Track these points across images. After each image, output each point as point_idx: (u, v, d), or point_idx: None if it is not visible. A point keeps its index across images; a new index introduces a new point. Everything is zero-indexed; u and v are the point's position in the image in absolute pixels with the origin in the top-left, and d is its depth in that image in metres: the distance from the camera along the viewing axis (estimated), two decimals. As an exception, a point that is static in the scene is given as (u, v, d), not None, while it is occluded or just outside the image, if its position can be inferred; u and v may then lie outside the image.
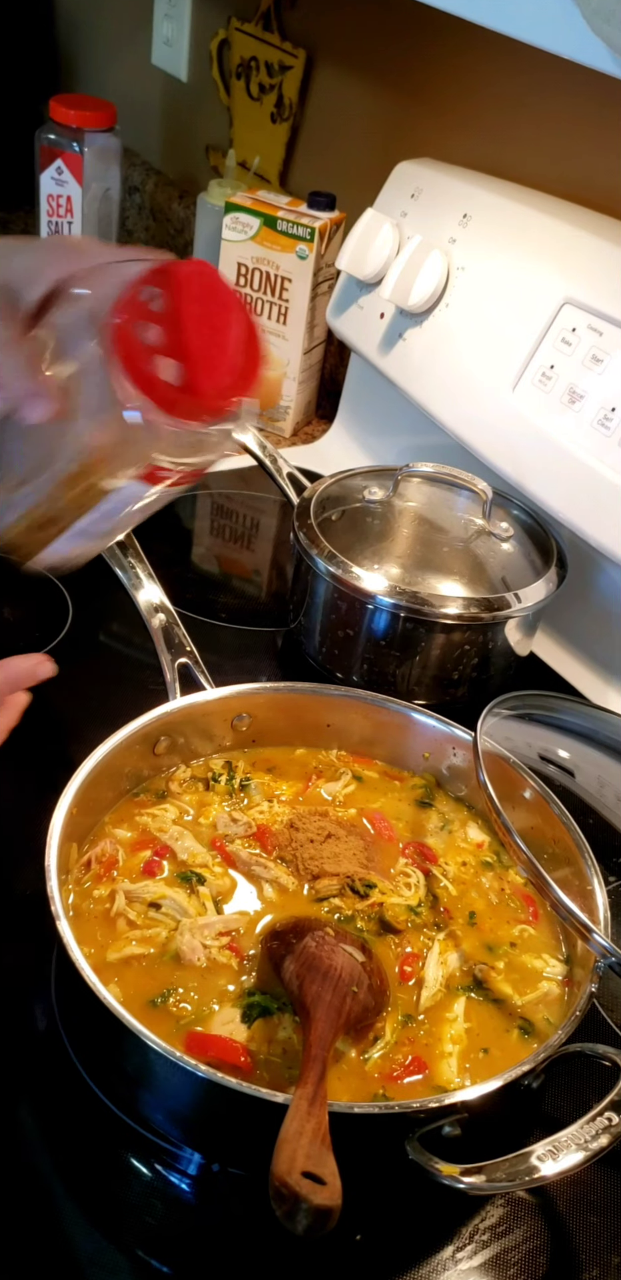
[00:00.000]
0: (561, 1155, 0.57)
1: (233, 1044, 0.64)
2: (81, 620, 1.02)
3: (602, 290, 1.01)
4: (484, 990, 0.70)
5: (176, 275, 0.55)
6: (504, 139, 1.21)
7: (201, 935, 0.69)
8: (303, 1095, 0.54)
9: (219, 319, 0.56)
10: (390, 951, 0.71)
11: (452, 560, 0.98)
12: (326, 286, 1.36)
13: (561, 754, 0.84)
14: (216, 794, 0.80)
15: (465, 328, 1.13)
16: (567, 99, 1.12)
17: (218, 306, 0.56)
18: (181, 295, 0.54)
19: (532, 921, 0.75)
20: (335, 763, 0.85)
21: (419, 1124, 0.58)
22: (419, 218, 1.19)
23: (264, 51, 1.54)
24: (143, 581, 0.90)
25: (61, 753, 0.80)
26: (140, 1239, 0.60)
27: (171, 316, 0.54)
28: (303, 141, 1.53)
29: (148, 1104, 0.63)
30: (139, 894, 0.71)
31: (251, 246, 1.33)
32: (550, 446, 1.02)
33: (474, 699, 0.83)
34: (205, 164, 1.75)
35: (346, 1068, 0.64)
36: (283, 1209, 0.48)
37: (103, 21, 1.95)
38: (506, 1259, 0.61)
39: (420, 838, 0.80)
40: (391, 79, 1.35)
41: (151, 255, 0.59)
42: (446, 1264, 0.61)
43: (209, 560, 1.22)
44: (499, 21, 0.87)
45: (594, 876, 0.72)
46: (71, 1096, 0.65)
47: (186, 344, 0.54)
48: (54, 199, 1.56)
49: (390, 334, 1.21)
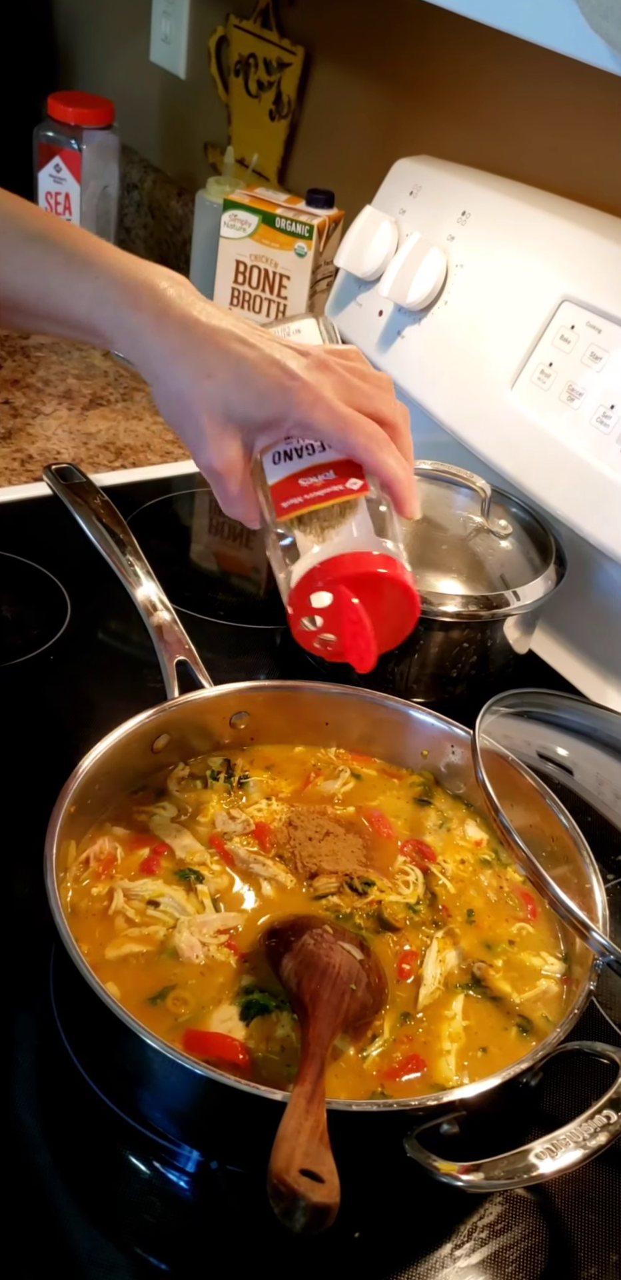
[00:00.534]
0: (559, 1153, 0.57)
1: (231, 1041, 0.64)
2: (80, 618, 1.02)
3: (601, 287, 1.01)
4: (482, 988, 0.70)
5: (344, 580, 0.66)
6: (503, 136, 1.21)
7: (200, 933, 0.69)
8: (301, 1093, 0.54)
9: (379, 611, 0.68)
10: (388, 949, 0.71)
11: (451, 558, 0.98)
12: (325, 284, 1.36)
13: (560, 752, 0.84)
14: (215, 792, 0.80)
15: (463, 325, 1.12)
16: (566, 96, 1.12)
17: (379, 599, 0.67)
18: (344, 604, 0.67)
19: (531, 919, 0.75)
20: (334, 761, 0.85)
21: (417, 1122, 0.58)
22: (417, 215, 1.19)
23: (262, 48, 1.54)
24: (141, 579, 0.90)
25: (60, 751, 0.79)
26: (139, 1236, 0.60)
27: (333, 618, 0.68)
28: (301, 138, 1.53)
29: (146, 1101, 0.63)
30: (137, 892, 0.71)
31: (250, 244, 1.33)
32: (549, 444, 1.02)
33: (472, 697, 0.83)
34: (203, 161, 1.74)
35: (345, 1065, 0.64)
36: (281, 1207, 0.48)
37: (101, 19, 1.95)
38: (505, 1257, 0.61)
39: (418, 835, 0.80)
40: (390, 76, 1.35)
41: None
42: (445, 1262, 0.61)
43: (207, 558, 1.22)
44: (498, 18, 0.87)
45: (592, 874, 0.72)
46: (70, 1094, 0.65)
47: (344, 642, 0.69)
48: (52, 196, 1.56)
49: (389, 331, 1.21)
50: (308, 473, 0.69)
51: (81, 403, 1.39)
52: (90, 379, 1.44)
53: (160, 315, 0.69)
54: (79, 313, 0.71)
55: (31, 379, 1.43)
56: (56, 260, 0.71)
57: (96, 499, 0.98)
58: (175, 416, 0.70)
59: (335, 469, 0.69)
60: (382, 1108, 0.59)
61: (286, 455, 0.70)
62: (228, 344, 0.68)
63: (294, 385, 0.66)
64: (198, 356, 0.68)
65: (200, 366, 0.68)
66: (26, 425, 1.33)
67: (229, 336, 0.68)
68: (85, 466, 1.24)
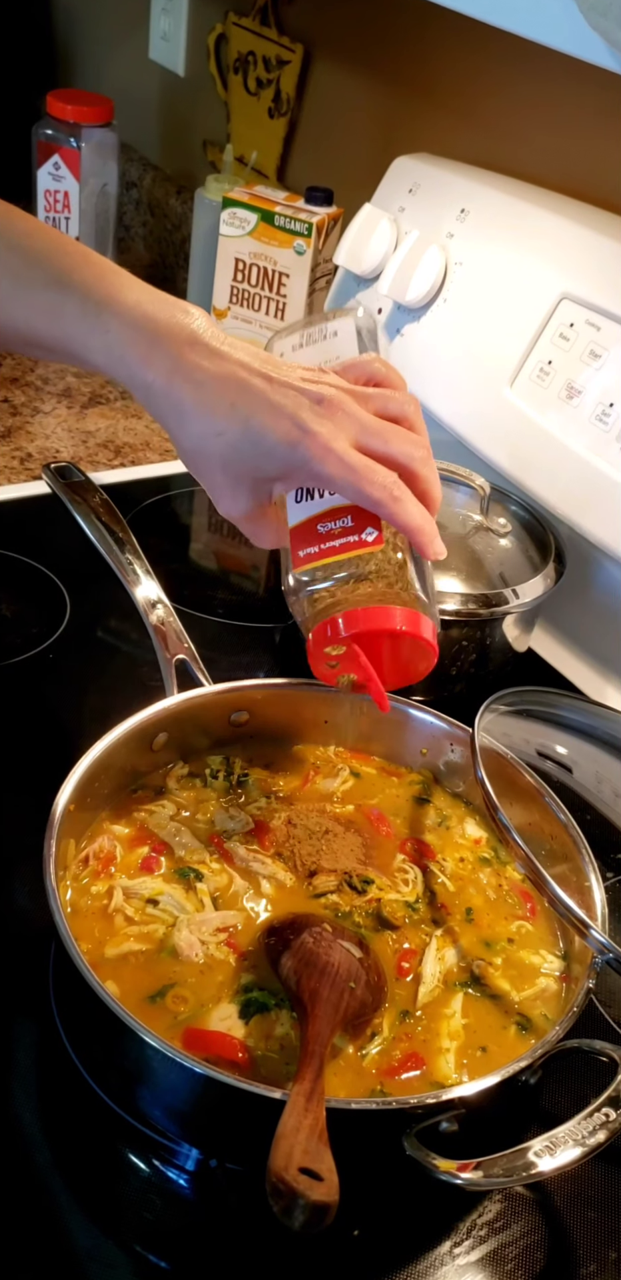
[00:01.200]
0: (558, 1151, 0.57)
1: (230, 1040, 0.64)
2: (79, 616, 1.02)
3: (600, 285, 1.01)
4: (481, 986, 0.70)
5: (355, 638, 0.68)
6: (502, 134, 1.21)
7: (199, 931, 0.69)
8: (300, 1091, 0.54)
9: (397, 654, 0.71)
10: (388, 947, 0.71)
11: (450, 556, 0.97)
12: (324, 282, 1.36)
13: (559, 750, 0.84)
14: (214, 790, 0.80)
15: (463, 323, 1.12)
16: (565, 93, 1.11)
17: (396, 643, 0.70)
18: (356, 657, 0.69)
19: (530, 917, 0.75)
20: (332, 759, 0.85)
21: (416, 1120, 0.58)
22: (416, 212, 1.19)
23: (261, 46, 1.54)
24: (140, 577, 0.90)
25: (59, 749, 0.79)
26: (138, 1234, 0.60)
27: (349, 662, 0.70)
28: (300, 136, 1.53)
29: (145, 1100, 0.63)
30: (136, 890, 0.71)
31: (249, 242, 1.33)
32: (548, 442, 1.02)
33: (471, 695, 0.83)
34: (202, 159, 1.74)
35: (344, 1063, 0.64)
36: (280, 1205, 0.48)
37: (100, 16, 1.95)
38: (504, 1254, 0.61)
39: (418, 834, 0.80)
40: (389, 74, 1.35)
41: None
42: (444, 1259, 0.61)
43: (206, 556, 1.22)
44: (497, 16, 0.87)
45: (591, 873, 0.72)
46: (69, 1092, 0.65)
47: (362, 677, 0.71)
48: (51, 194, 1.56)
49: (388, 329, 1.21)
50: (326, 517, 0.69)
51: (81, 401, 1.39)
52: (89, 377, 1.44)
53: (171, 373, 0.68)
54: (96, 363, 0.70)
55: (30, 377, 1.43)
56: (72, 308, 0.69)
57: (95, 497, 0.98)
58: (192, 468, 0.71)
59: (353, 515, 0.69)
60: (382, 1106, 0.59)
61: (308, 494, 0.70)
62: (237, 397, 0.67)
63: (304, 439, 0.66)
64: (207, 414, 0.67)
65: (210, 425, 0.67)
66: (26, 423, 1.33)
67: (239, 388, 0.67)
68: (84, 465, 1.24)
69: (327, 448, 0.66)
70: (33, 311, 0.71)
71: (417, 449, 0.69)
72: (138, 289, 0.70)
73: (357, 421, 0.67)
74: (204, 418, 0.68)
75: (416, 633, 0.69)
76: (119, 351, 0.69)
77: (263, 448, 0.67)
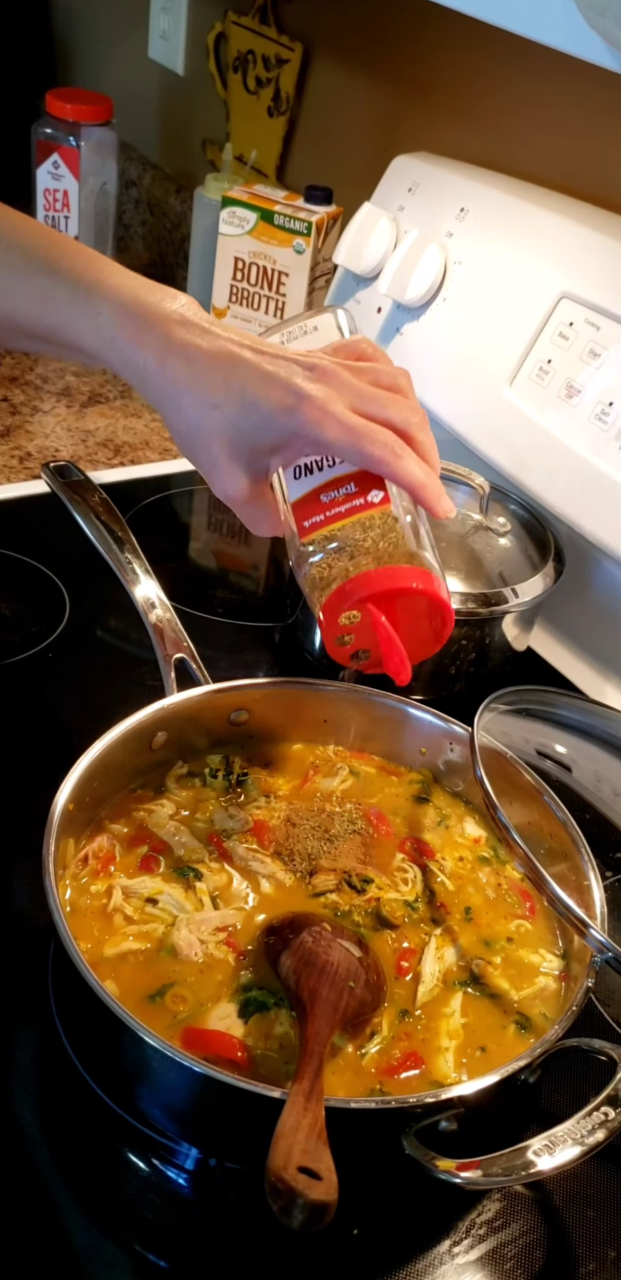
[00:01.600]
0: (558, 1150, 0.57)
1: (229, 1039, 0.64)
2: (78, 615, 1.02)
3: (600, 284, 1.01)
4: (481, 985, 0.70)
5: (372, 598, 0.66)
6: (501, 133, 1.21)
7: (198, 930, 0.69)
8: (299, 1090, 0.54)
9: (412, 621, 0.68)
10: (387, 947, 0.71)
11: (450, 555, 0.98)
12: (323, 281, 1.36)
13: (558, 749, 0.84)
14: (213, 789, 0.80)
15: (462, 322, 1.12)
16: (565, 92, 1.11)
17: (411, 610, 0.68)
18: (374, 621, 0.67)
19: (529, 917, 0.75)
20: (332, 758, 0.85)
21: (415, 1119, 0.58)
22: (416, 212, 1.19)
23: (261, 45, 1.54)
24: (139, 577, 0.90)
25: (58, 748, 0.79)
26: (137, 1233, 0.60)
27: (365, 633, 0.68)
28: (299, 135, 1.53)
29: (145, 1099, 0.63)
30: (136, 889, 0.71)
31: (248, 241, 1.33)
32: (547, 441, 1.02)
33: (471, 694, 0.83)
34: (202, 158, 1.74)
35: (343, 1063, 0.64)
36: (279, 1204, 0.48)
37: (99, 15, 1.95)
38: (503, 1253, 0.61)
39: (417, 833, 0.80)
40: (389, 73, 1.35)
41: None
42: (443, 1258, 0.61)
43: (206, 555, 1.22)
44: (496, 15, 0.87)
45: (590, 872, 0.72)
46: (68, 1092, 0.65)
47: (378, 657, 0.69)
48: (50, 193, 1.56)
49: (387, 328, 1.21)
50: (328, 486, 0.68)
51: (80, 400, 1.39)
52: (89, 376, 1.44)
53: (163, 352, 0.68)
54: (89, 348, 0.70)
55: (30, 376, 1.43)
56: (63, 293, 0.70)
57: (95, 496, 0.98)
58: (187, 448, 0.70)
59: (356, 481, 0.67)
60: (381, 1105, 0.59)
61: (306, 469, 0.69)
62: (230, 370, 0.67)
63: (300, 404, 0.65)
64: (202, 389, 0.67)
65: (205, 399, 0.67)
66: (25, 423, 1.33)
67: (232, 361, 0.67)
68: (83, 464, 1.24)
69: (325, 410, 0.65)
70: (24, 299, 0.71)
71: (414, 414, 0.68)
72: (127, 275, 0.71)
73: (352, 388, 0.67)
74: (198, 393, 0.67)
75: (431, 590, 0.67)
76: (110, 334, 0.69)
77: (258, 417, 0.66)
